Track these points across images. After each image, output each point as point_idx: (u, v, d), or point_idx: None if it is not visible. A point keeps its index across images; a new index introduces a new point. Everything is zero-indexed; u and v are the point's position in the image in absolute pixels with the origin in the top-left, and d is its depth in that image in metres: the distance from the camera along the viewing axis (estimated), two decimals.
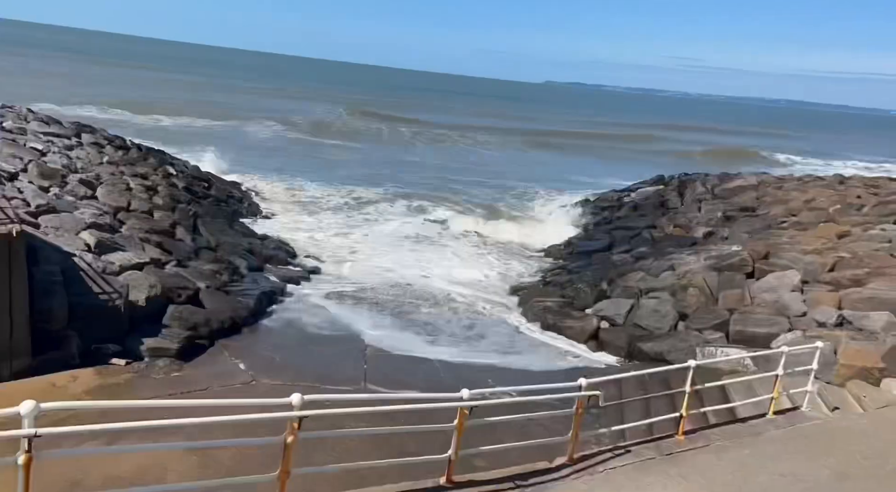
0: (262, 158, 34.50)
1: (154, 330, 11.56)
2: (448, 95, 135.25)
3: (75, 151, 19.30)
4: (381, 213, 25.55)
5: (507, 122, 76.59)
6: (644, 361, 12.94)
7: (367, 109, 68.38)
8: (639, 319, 14.11)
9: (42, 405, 3.84)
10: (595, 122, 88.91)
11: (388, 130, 53.75)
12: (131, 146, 23.94)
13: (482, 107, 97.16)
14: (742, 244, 17.00)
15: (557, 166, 44.48)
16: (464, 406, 5.93)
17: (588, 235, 23.60)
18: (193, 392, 9.98)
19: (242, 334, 12.78)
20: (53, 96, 45.46)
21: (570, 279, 18.08)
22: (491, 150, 49.11)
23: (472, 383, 11.31)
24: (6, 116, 20.47)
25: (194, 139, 36.61)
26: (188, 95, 63.83)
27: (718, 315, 13.44)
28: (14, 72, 63.18)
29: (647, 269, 16.98)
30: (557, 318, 14.76)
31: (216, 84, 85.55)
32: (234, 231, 19.24)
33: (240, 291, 14.41)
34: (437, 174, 36.55)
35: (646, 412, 9.69)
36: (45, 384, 9.53)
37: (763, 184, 24.90)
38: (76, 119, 26.31)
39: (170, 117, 47.23)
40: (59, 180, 15.80)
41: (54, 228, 12.44)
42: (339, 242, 20.83)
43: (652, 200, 26.53)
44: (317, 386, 10.77)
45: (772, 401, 8.98)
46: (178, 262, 14.36)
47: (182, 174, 23.00)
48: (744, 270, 14.97)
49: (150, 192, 18.34)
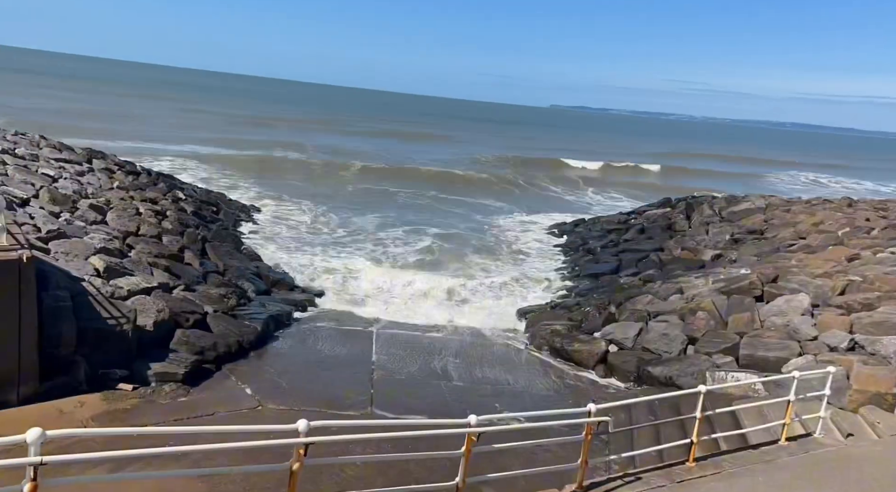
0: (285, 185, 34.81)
1: (161, 354, 11.56)
2: (454, 121, 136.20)
3: (86, 177, 19.52)
4: (390, 241, 25.59)
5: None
6: (653, 385, 12.81)
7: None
8: (647, 343, 14.00)
9: (48, 433, 3.85)
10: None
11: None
12: (141, 171, 24.21)
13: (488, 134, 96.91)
14: (750, 267, 16.91)
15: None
16: (471, 432, 5.89)
17: (595, 257, 23.55)
18: (200, 418, 9.94)
19: (249, 359, 12.76)
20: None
21: (577, 302, 18.00)
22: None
23: (480, 407, 11.27)
24: (19, 143, 20.78)
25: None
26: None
27: (728, 339, 13.31)
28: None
29: (655, 292, 16.89)
30: (565, 341, 14.66)
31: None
32: (242, 255, 19.32)
33: (247, 314, 14.43)
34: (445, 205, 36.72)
35: (656, 438, 9.58)
36: (52, 410, 9.51)
37: (771, 206, 24.85)
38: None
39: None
40: (70, 206, 15.96)
41: (64, 253, 12.53)
42: (345, 268, 20.85)
43: (659, 222, 26.51)
44: (323, 411, 10.71)
45: (784, 427, 8.86)
46: (186, 286, 14.41)
47: (191, 199, 23.21)
48: (753, 294, 14.87)
49: (158, 216, 18.49)
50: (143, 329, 11.65)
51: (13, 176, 16.34)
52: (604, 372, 13.74)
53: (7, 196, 14.07)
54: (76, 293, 11.16)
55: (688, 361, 12.96)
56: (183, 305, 13.16)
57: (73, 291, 11.11)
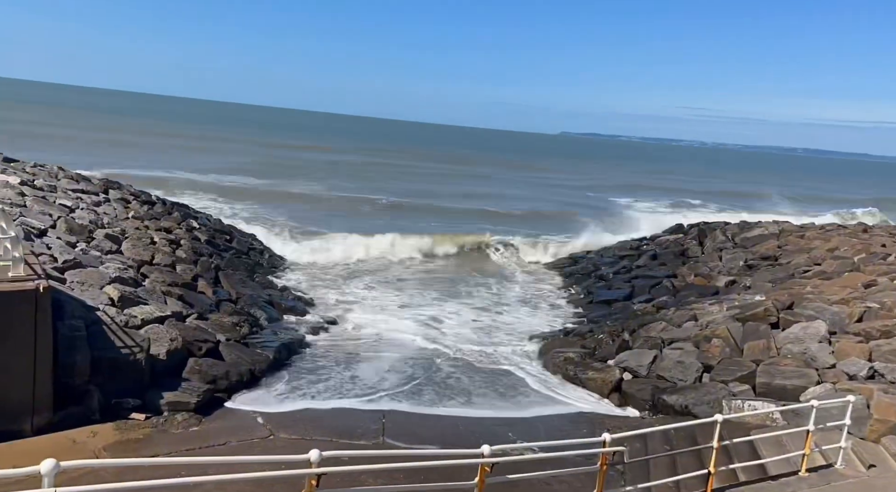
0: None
1: (174, 383, 11.57)
2: (466, 149, 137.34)
3: (102, 207, 19.81)
4: (402, 269, 25.66)
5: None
6: (669, 414, 12.62)
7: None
8: (662, 371, 13.83)
9: (62, 464, 3.86)
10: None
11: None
12: (156, 201, 24.53)
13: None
14: (765, 294, 16.75)
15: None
16: (484, 463, 5.83)
17: (607, 283, 23.44)
18: (212, 447, 9.90)
19: (261, 387, 12.74)
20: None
21: (590, 329, 17.87)
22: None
23: (493, 437, 11.14)
24: (38, 175, 21.16)
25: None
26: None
27: (744, 367, 13.13)
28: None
29: (668, 319, 16.75)
30: (579, 369, 14.53)
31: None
32: (255, 283, 19.43)
33: (259, 343, 14.45)
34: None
35: (672, 469, 9.40)
36: (65, 440, 9.51)
37: (784, 232, 24.68)
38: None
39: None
40: (86, 236, 16.17)
41: (80, 283, 12.66)
42: (357, 295, 20.89)
43: (671, 248, 26.39)
44: (335, 441, 10.64)
45: (804, 458, 8.69)
46: (199, 314, 14.48)
47: (205, 228, 23.44)
48: (768, 321, 14.70)
49: (173, 245, 18.68)
50: (157, 358, 11.69)
51: (32, 207, 16.62)
52: (618, 400, 13.56)
53: (25, 227, 14.30)
54: (91, 322, 11.25)
55: (703, 390, 12.78)
56: (196, 334, 13.21)
57: (87, 321, 11.21)
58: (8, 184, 18.10)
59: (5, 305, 9.26)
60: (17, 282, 9.60)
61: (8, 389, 9.36)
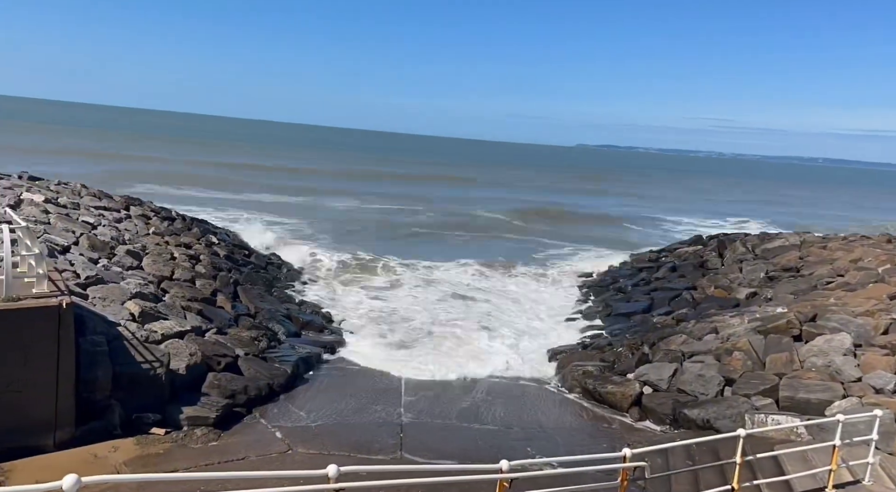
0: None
1: (193, 398, 11.65)
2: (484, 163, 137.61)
3: (124, 224, 20.10)
4: (418, 279, 25.68)
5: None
6: (690, 428, 12.44)
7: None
8: (683, 385, 13.65)
9: (83, 479, 3.90)
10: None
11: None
12: (176, 217, 24.84)
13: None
14: (787, 306, 16.50)
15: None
16: (503, 478, 5.78)
17: (626, 296, 23.25)
18: (231, 462, 9.93)
19: (279, 402, 12.78)
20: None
21: (609, 342, 17.71)
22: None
23: (511, 451, 11.07)
24: (62, 192, 21.55)
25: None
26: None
27: (766, 380, 12.91)
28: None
29: (688, 331, 16.55)
30: (598, 383, 14.38)
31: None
32: (273, 297, 19.55)
33: (278, 357, 14.51)
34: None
35: (694, 485, 9.25)
36: (86, 455, 9.60)
37: (806, 243, 24.34)
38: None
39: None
40: (108, 252, 16.41)
41: (101, 299, 12.83)
42: (374, 307, 20.92)
43: (691, 260, 26.13)
44: (353, 455, 10.62)
45: (830, 473, 8.50)
46: (218, 329, 14.59)
47: (224, 243, 23.68)
48: (790, 333, 14.47)
49: (192, 260, 18.88)
50: (176, 373, 11.78)
51: (55, 224, 16.92)
52: (638, 415, 13.39)
53: (49, 244, 14.55)
54: (112, 338, 11.38)
55: (725, 404, 12.58)
56: (215, 349, 13.30)
57: (109, 336, 11.34)
58: (33, 202, 18.45)
59: (29, 321, 9.41)
60: (41, 298, 9.76)
61: (31, 404, 9.48)
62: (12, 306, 9.35)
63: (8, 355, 9.25)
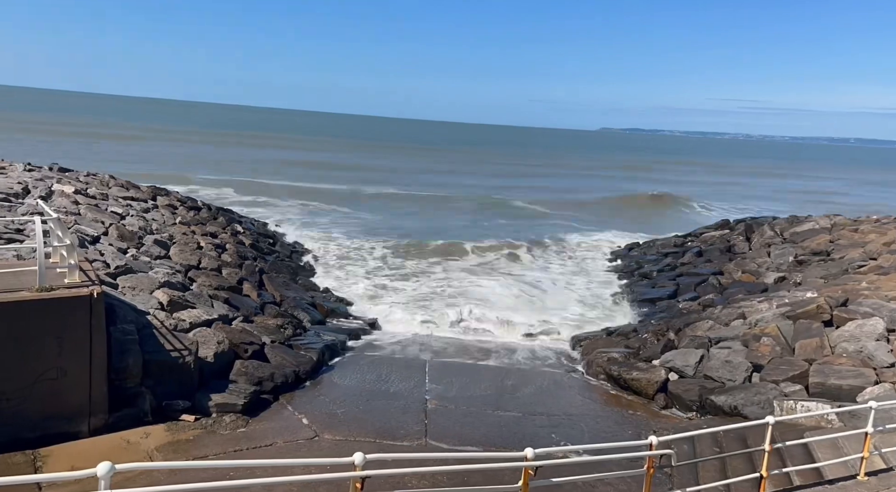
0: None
1: (221, 385, 11.84)
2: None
3: (151, 214, 20.41)
4: (444, 264, 25.71)
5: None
6: (717, 415, 12.32)
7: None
8: (709, 371, 13.50)
9: (117, 466, 3.99)
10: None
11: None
12: (202, 207, 25.15)
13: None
14: (817, 290, 16.19)
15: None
16: (528, 466, 5.78)
17: (651, 282, 23.02)
18: (259, 449, 10.09)
19: (305, 389, 12.93)
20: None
21: (634, 328, 17.57)
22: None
23: (536, 439, 11.07)
24: (91, 183, 21.93)
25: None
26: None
27: (796, 366, 12.71)
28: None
29: (715, 317, 16.35)
30: (623, 369, 14.29)
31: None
32: (298, 285, 19.74)
33: (303, 344, 14.67)
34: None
35: (722, 472, 9.18)
36: (119, 441, 9.84)
37: (837, 226, 23.82)
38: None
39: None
40: (136, 242, 16.69)
41: (131, 288, 13.07)
42: (398, 293, 21.00)
43: (717, 245, 25.76)
44: (379, 442, 10.72)
45: (862, 461, 8.36)
46: (245, 317, 14.78)
47: (249, 232, 23.93)
48: (821, 318, 14.20)
49: (218, 250, 19.12)
50: (204, 361, 11.98)
51: (85, 215, 17.24)
52: (664, 401, 13.29)
53: (80, 234, 14.83)
54: (141, 326, 11.60)
55: (753, 390, 12.42)
56: (242, 337, 13.48)
57: (138, 325, 11.56)
58: (63, 193, 18.81)
59: (62, 310, 9.63)
60: (73, 288, 9.97)
61: (66, 391, 9.73)
62: (46, 296, 9.57)
63: (43, 344, 9.49)
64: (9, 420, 9.35)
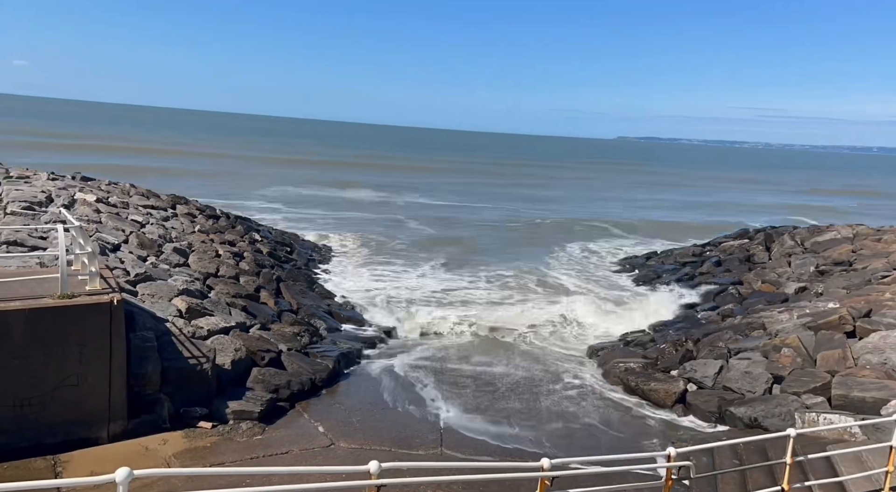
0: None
1: (238, 392, 11.91)
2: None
3: (170, 222, 20.65)
4: (458, 276, 25.70)
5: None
6: (737, 427, 12.15)
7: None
8: (729, 382, 13.33)
9: (135, 472, 4.02)
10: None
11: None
12: (221, 215, 25.40)
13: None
14: (839, 301, 15.94)
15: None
16: (545, 476, 5.73)
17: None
18: (275, 456, 10.13)
19: (321, 396, 12.96)
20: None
21: (651, 338, 17.41)
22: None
23: (552, 449, 11.00)
24: (112, 192, 22.26)
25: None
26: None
27: (818, 378, 12.50)
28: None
29: (735, 327, 16.15)
30: (641, 380, 14.16)
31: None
32: (314, 293, 19.83)
33: (319, 352, 14.71)
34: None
35: (742, 485, 9.04)
36: (137, 447, 9.92)
37: (859, 236, 23.45)
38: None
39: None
40: (156, 250, 16.89)
41: (150, 295, 13.22)
42: (414, 301, 21.00)
43: (736, 254, 25.48)
44: (394, 450, 10.71)
45: (887, 475, 8.17)
46: (262, 325, 14.88)
47: (266, 240, 24.12)
48: (843, 330, 13.97)
49: (236, 258, 19.28)
50: (222, 368, 12.06)
51: (106, 223, 17.49)
52: (682, 412, 13.14)
53: (101, 242, 15.05)
54: (161, 333, 11.71)
55: (774, 402, 12.24)
56: (259, 344, 13.56)
57: (157, 332, 11.68)
58: (85, 201, 19.11)
59: (84, 317, 9.76)
60: (94, 295, 10.11)
61: (87, 397, 9.84)
62: (68, 303, 9.71)
63: (65, 350, 9.62)
64: (31, 425, 9.49)
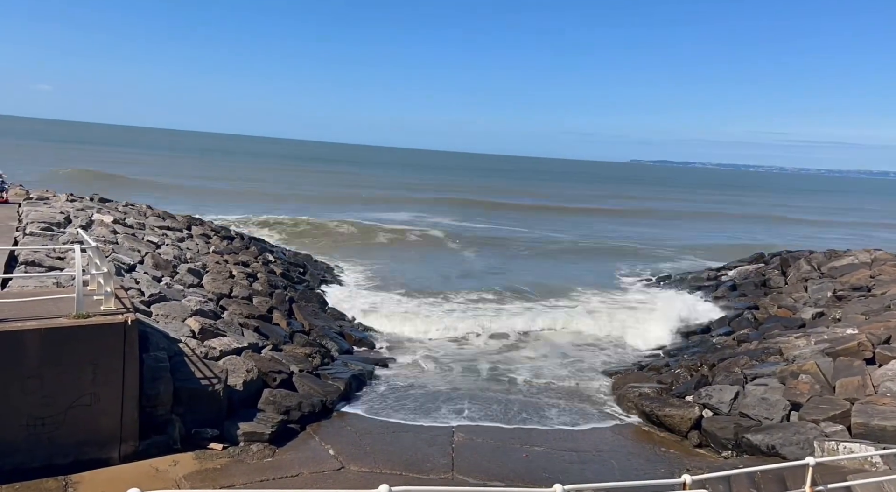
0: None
1: (249, 414, 11.88)
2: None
3: (186, 243, 20.85)
4: (473, 301, 25.63)
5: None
6: (754, 454, 11.90)
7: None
8: (745, 408, 13.10)
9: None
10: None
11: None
12: (235, 236, 25.62)
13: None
14: (858, 327, 15.68)
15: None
16: None
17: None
18: (285, 478, 10.06)
19: (332, 419, 12.90)
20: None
21: (666, 363, 17.21)
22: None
23: (565, 475, 10.84)
24: (128, 213, 22.55)
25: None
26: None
27: (837, 405, 12.27)
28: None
29: (751, 353, 15.93)
30: (655, 405, 13.96)
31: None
32: (326, 314, 19.85)
33: (331, 373, 14.68)
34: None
35: None
36: (149, 468, 9.89)
37: (877, 261, 23.16)
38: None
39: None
40: (171, 270, 17.03)
41: (164, 316, 13.29)
42: (425, 325, 20.94)
43: (752, 279, 25.24)
44: (405, 474, 10.60)
45: None
46: (274, 346, 14.89)
47: (280, 261, 24.25)
48: (862, 356, 13.73)
49: (250, 278, 19.39)
50: (234, 389, 12.05)
51: (122, 244, 17.69)
52: (698, 439, 12.91)
53: (117, 263, 15.20)
54: (173, 354, 11.75)
55: (792, 429, 12.00)
56: (271, 365, 13.56)
57: (170, 352, 11.72)
58: (102, 222, 19.36)
59: (98, 337, 9.82)
60: (109, 315, 10.18)
61: (99, 418, 9.86)
62: (83, 323, 9.78)
63: (79, 370, 9.66)
64: (44, 445, 9.50)
